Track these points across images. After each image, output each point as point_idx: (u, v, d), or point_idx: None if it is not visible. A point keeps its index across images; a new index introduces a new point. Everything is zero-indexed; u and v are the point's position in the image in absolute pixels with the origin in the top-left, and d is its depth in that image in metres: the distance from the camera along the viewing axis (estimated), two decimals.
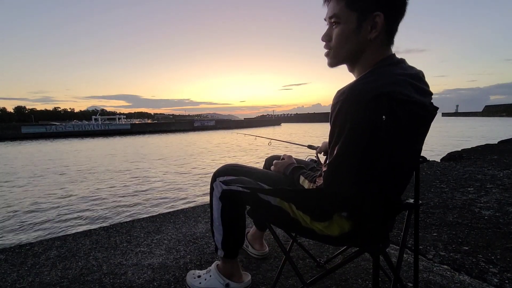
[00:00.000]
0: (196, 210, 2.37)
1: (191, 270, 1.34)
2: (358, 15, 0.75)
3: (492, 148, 6.16)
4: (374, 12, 0.73)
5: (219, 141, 22.72)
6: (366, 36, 0.76)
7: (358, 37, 0.77)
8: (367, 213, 0.77)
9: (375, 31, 0.75)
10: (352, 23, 0.76)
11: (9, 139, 31.80)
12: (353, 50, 0.79)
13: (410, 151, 0.80)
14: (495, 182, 3.07)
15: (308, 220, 0.86)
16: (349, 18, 0.76)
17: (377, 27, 0.74)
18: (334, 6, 0.78)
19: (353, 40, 0.78)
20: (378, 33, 0.75)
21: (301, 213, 0.88)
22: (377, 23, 0.74)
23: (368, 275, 1.34)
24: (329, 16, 0.81)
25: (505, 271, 1.37)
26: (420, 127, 0.78)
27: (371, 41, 0.77)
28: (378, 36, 0.76)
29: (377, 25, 0.74)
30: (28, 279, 1.41)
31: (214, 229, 1.17)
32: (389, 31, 0.77)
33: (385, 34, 0.77)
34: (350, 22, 0.76)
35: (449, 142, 17.16)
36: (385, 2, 0.73)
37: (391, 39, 0.79)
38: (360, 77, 0.75)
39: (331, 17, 0.80)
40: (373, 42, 0.77)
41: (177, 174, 9.80)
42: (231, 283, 1.19)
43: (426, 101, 0.77)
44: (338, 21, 0.78)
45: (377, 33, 0.75)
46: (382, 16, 0.73)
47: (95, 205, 6.24)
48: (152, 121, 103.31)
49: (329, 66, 0.86)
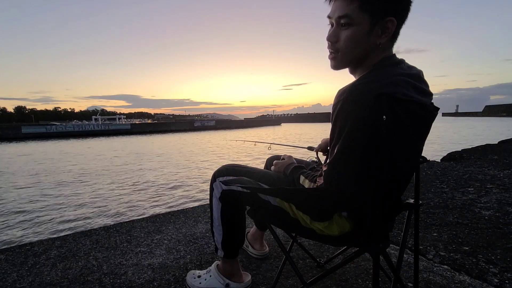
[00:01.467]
0: (196, 210, 2.37)
1: (191, 270, 1.34)
2: (371, 19, 0.72)
3: (492, 148, 6.16)
4: (387, 17, 0.71)
5: (217, 144, 22.74)
6: (375, 41, 0.74)
7: (369, 41, 0.75)
8: (367, 213, 0.77)
9: (385, 36, 0.73)
10: (364, 27, 0.73)
11: (9, 139, 31.81)
12: (361, 54, 0.77)
13: (411, 151, 0.80)
14: (495, 182, 3.07)
15: (308, 220, 0.86)
16: (363, 20, 0.73)
17: (387, 32, 0.73)
18: (345, 6, 0.74)
19: (362, 43, 0.75)
20: (387, 38, 0.74)
21: (301, 213, 0.88)
22: (388, 28, 0.72)
23: (368, 275, 1.34)
24: (339, 15, 0.75)
25: (505, 271, 1.37)
26: (420, 127, 0.78)
27: (378, 46, 0.75)
28: (386, 41, 0.75)
29: (388, 30, 0.73)
30: (28, 279, 1.41)
31: (214, 229, 1.17)
32: (395, 34, 0.76)
33: (390, 38, 0.76)
34: (363, 25, 0.73)
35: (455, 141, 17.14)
36: (399, 8, 0.72)
37: (394, 42, 0.79)
38: (361, 77, 0.75)
39: (341, 17, 0.75)
40: (380, 46, 0.76)
41: (177, 174, 9.81)
42: (231, 283, 1.19)
43: (426, 101, 0.77)
44: (350, 22, 0.74)
45: (387, 38, 0.74)
46: (395, 22, 0.72)
47: (95, 205, 6.24)
48: (152, 121, 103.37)
49: (334, 69, 0.83)
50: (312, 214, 0.86)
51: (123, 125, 44.71)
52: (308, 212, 0.87)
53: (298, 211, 0.88)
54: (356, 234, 0.82)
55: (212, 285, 1.20)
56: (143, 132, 42.60)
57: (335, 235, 0.84)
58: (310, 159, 1.32)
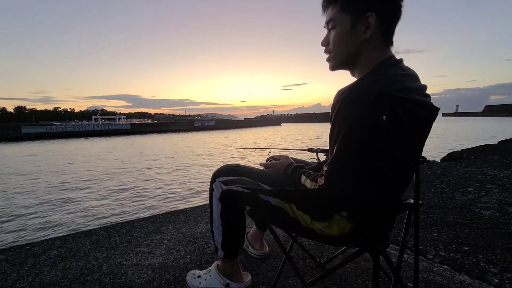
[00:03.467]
0: (196, 210, 2.37)
1: (191, 270, 1.34)
2: (351, 17, 0.79)
3: (492, 148, 6.16)
4: (367, 13, 0.76)
5: (217, 144, 22.70)
6: (361, 37, 0.79)
7: (354, 38, 0.80)
8: (367, 213, 0.77)
9: (369, 31, 0.77)
10: (346, 25, 0.80)
11: (10, 139, 31.80)
12: (350, 51, 0.82)
13: (411, 151, 0.80)
14: (495, 182, 3.07)
15: (308, 220, 0.86)
16: (344, 20, 0.80)
17: (371, 26, 0.77)
18: (330, 12, 0.83)
19: (349, 41, 0.81)
20: (372, 32, 0.77)
21: (301, 213, 0.88)
22: (370, 23, 0.76)
23: (368, 275, 1.34)
24: (326, 21, 0.85)
25: (506, 271, 1.37)
26: (420, 128, 0.78)
27: (367, 41, 0.79)
28: (374, 37, 0.78)
29: (370, 25, 0.77)
30: (28, 279, 1.41)
31: (214, 230, 1.17)
32: (385, 32, 0.79)
33: (381, 35, 0.79)
34: (345, 24, 0.80)
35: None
36: (377, 3, 0.76)
37: (388, 39, 0.80)
38: (360, 78, 0.76)
39: (328, 22, 0.85)
40: (368, 42, 0.79)
41: (177, 174, 9.81)
42: (231, 283, 1.19)
43: (426, 101, 0.77)
44: (334, 24, 0.83)
45: (372, 33, 0.77)
46: (374, 16, 0.76)
47: (95, 205, 6.24)
48: (152, 121, 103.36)
49: (331, 70, 0.90)
50: (312, 214, 0.86)
51: (123, 125, 44.72)
52: (308, 212, 0.87)
53: (298, 211, 0.88)
54: (356, 234, 0.82)
55: (212, 285, 1.20)
56: (143, 132, 42.62)
57: (335, 235, 0.84)
58: (311, 160, 1.32)
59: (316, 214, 0.85)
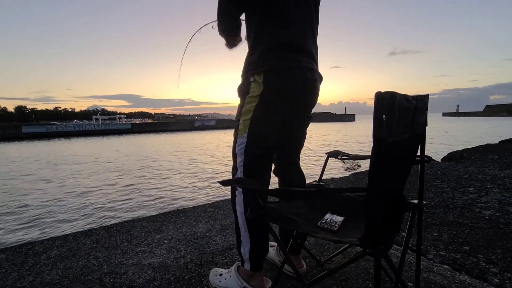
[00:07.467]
0: (196, 210, 2.37)
1: (214, 268, 1.34)
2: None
3: (492, 148, 6.15)
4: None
5: (218, 144, 22.68)
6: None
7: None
8: (368, 213, 0.76)
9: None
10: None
11: (10, 139, 31.83)
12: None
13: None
14: (496, 182, 3.06)
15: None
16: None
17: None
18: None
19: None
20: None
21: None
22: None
23: (369, 275, 1.34)
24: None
25: (506, 271, 1.36)
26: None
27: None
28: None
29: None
30: (29, 278, 1.41)
31: (242, 239, 1.12)
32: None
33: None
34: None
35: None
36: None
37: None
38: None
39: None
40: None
41: (177, 173, 9.81)
42: (248, 287, 1.15)
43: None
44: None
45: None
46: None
47: (95, 205, 6.24)
48: (153, 120, 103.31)
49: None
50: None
51: (123, 125, 44.72)
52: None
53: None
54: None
55: (229, 286, 1.18)
56: (143, 132, 42.61)
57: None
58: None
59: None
